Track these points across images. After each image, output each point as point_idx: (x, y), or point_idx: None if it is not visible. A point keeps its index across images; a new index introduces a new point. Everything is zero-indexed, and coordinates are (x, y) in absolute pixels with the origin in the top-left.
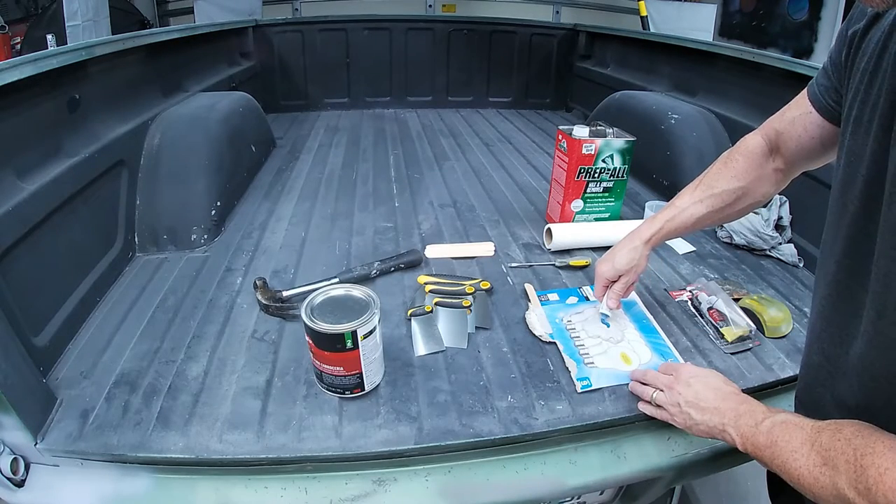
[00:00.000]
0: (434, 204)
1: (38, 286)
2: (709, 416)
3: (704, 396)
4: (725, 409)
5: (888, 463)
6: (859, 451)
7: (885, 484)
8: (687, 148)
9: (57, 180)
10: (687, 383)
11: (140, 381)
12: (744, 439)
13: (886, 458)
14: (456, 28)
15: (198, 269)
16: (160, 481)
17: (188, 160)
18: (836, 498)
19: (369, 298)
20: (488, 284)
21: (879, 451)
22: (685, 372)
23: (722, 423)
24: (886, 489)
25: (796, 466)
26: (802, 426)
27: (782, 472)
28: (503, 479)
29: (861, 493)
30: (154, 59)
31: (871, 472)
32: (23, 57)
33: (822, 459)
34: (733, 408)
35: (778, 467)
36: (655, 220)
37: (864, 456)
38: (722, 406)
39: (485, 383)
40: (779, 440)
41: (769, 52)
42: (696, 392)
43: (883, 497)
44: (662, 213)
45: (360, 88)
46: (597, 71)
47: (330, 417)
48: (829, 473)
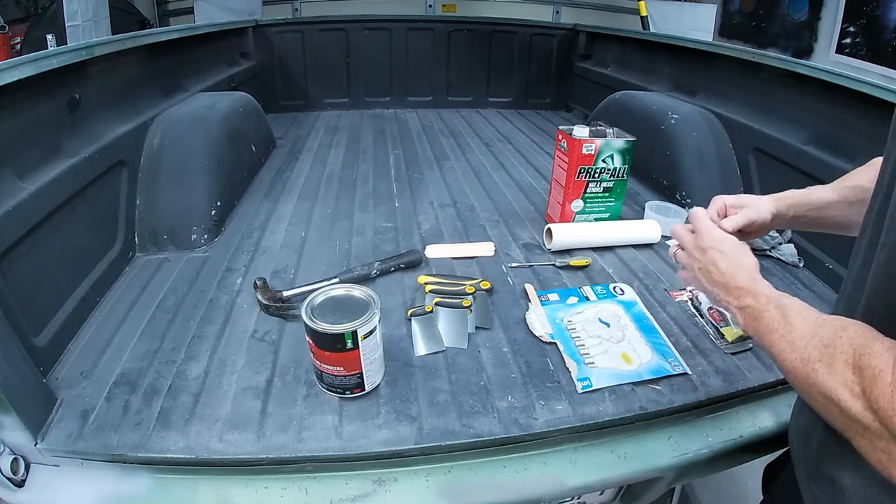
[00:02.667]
0: (434, 204)
1: (38, 286)
2: (718, 289)
3: (717, 268)
4: (732, 286)
5: (884, 365)
6: (858, 351)
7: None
8: (687, 148)
9: (57, 180)
10: (703, 250)
11: (140, 381)
12: (746, 320)
13: (883, 359)
14: (456, 28)
15: (198, 269)
16: (160, 481)
17: (188, 160)
18: (824, 397)
19: (369, 298)
20: (488, 284)
21: (878, 353)
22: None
23: (727, 300)
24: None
25: (791, 358)
26: (805, 316)
27: (775, 359)
28: (503, 479)
29: (856, 395)
30: (154, 59)
31: (866, 373)
32: (23, 57)
33: (819, 355)
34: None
35: (774, 354)
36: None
37: (862, 356)
38: (729, 283)
39: (485, 383)
40: (779, 327)
41: (769, 52)
42: (710, 259)
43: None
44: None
45: (360, 88)
46: (597, 71)
47: (330, 417)
48: (823, 371)
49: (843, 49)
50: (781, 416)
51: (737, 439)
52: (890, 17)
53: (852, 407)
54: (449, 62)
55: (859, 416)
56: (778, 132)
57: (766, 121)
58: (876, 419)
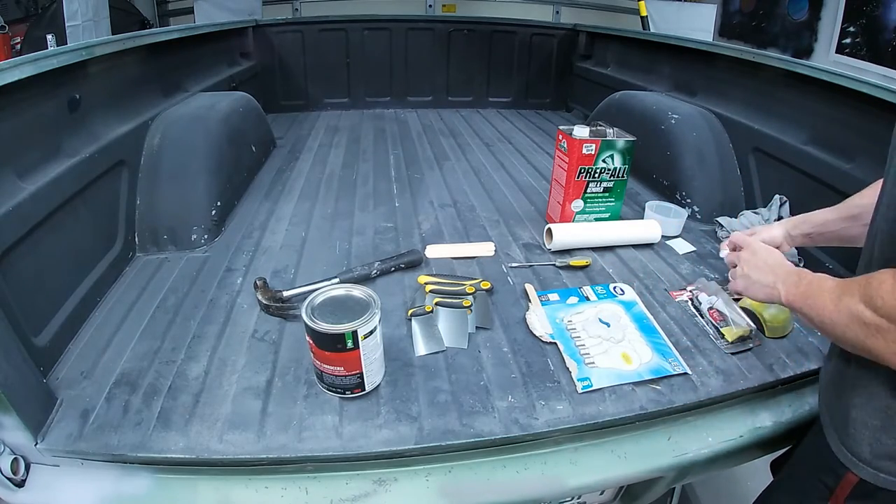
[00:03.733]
0: (434, 204)
1: (38, 286)
2: (763, 275)
3: (763, 260)
4: (778, 270)
5: (887, 275)
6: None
7: (884, 289)
8: (687, 148)
9: (57, 180)
10: (753, 251)
11: (140, 381)
12: (788, 291)
13: (887, 272)
14: (456, 28)
15: (198, 269)
16: (160, 481)
17: (188, 160)
18: (849, 317)
19: (370, 298)
20: (489, 284)
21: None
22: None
23: (773, 280)
24: (883, 292)
25: (823, 304)
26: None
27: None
28: (503, 479)
29: (867, 304)
30: (154, 59)
31: (873, 282)
32: (23, 57)
33: (842, 291)
34: (785, 269)
35: (810, 310)
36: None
37: (871, 276)
38: (776, 268)
39: (485, 383)
40: (814, 288)
41: (769, 52)
42: (757, 258)
43: (880, 299)
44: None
45: (360, 88)
46: (597, 71)
47: (330, 417)
48: (846, 300)
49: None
50: (781, 416)
51: (737, 439)
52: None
53: (867, 316)
54: (449, 62)
55: (873, 320)
56: (778, 132)
57: (766, 121)
58: (884, 318)
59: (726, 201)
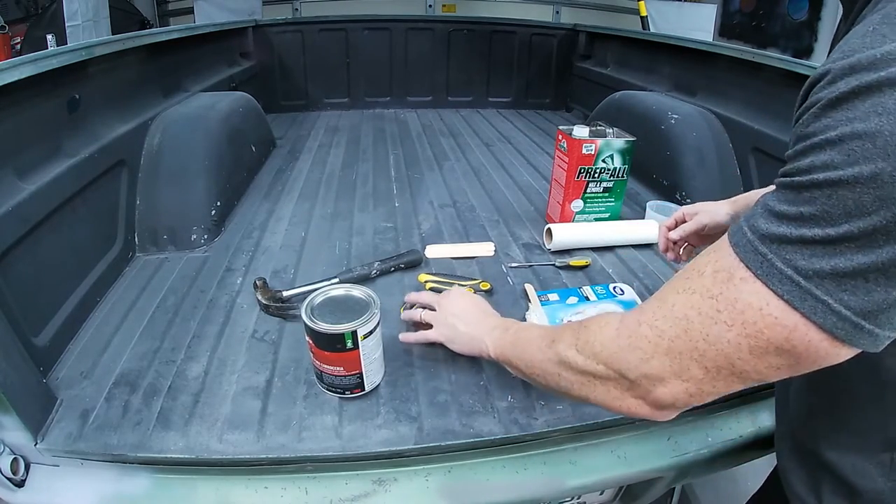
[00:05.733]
0: (434, 204)
1: (38, 286)
2: (472, 328)
3: (470, 312)
4: (485, 324)
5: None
6: (587, 321)
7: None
8: (687, 148)
9: (57, 180)
10: (454, 301)
11: (140, 382)
12: (495, 346)
13: (611, 316)
14: (456, 28)
15: (198, 269)
16: (160, 481)
17: (188, 160)
18: (557, 365)
19: (369, 298)
20: (488, 285)
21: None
22: (453, 293)
23: (480, 335)
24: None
25: (528, 354)
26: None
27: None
28: (503, 479)
29: (579, 350)
30: (154, 59)
31: (592, 328)
32: (23, 57)
33: (550, 339)
34: (492, 323)
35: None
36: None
37: (590, 322)
38: (483, 321)
39: (485, 383)
40: (521, 337)
41: (769, 52)
42: (463, 308)
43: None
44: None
45: (360, 88)
46: (597, 71)
47: (330, 417)
48: (552, 347)
49: None
50: None
51: (737, 439)
52: None
53: (578, 361)
54: (449, 62)
55: (586, 366)
56: (778, 132)
57: (766, 121)
58: (599, 364)
59: None
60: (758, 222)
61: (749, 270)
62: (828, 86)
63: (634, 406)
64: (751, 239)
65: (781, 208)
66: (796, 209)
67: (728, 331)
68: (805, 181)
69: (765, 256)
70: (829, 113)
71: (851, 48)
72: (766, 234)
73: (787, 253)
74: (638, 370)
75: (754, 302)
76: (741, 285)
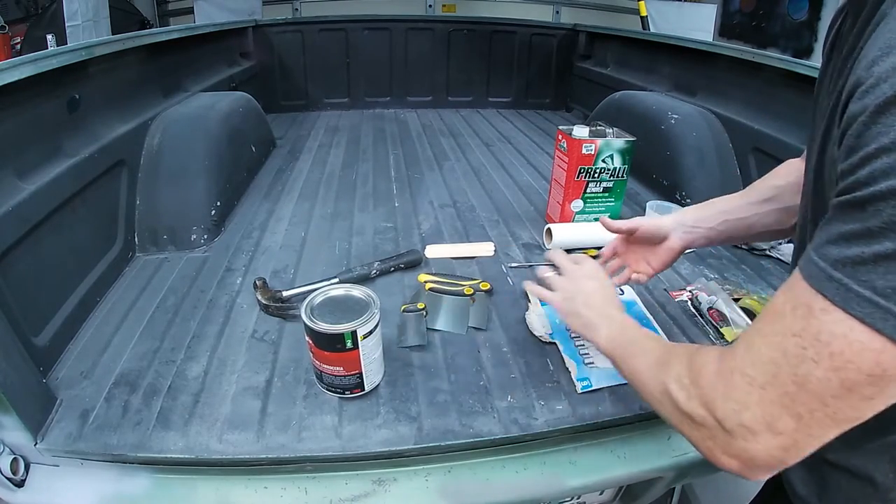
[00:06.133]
0: (434, 204)
1: (38, 286)
2: (592, 311)
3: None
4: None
5: (711, 358)
6: (693, 352)
7: (704, 375)
8: (687, 148)
9: (57, 180)
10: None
11: (140, 381)
12: (608, 340)
13: (711, 354)
14: (456, 28)
15: (198, 269)
16: (160, 481)
17: (188, 160)
18: (661, 394)
19: (369, 298)
20: (488, 285)
21: (707, 350)
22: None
23: (598, 323)
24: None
25: (637, 363)
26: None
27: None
28: (503, 479)
29: (683, 386)
30: (154, 59)
31: (695, 365)
32: (23, 57)
33: (661, 362)
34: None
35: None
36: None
37: (694, 354)
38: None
39: (485, 383)
40: (635, 343)
41: (769, 52)
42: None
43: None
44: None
45: (360, 88)
46: (597, 71)
47: (330, 417)
48: (661, 372)
49: None
50: None
51: None
52: None
53: (681, 399)
54: (449, 62)
55: (686, 406)
56: (778, 132)
57: (766, 121)
58: (699, 407)
59: None
60: (826, 249)
61: (826, 300)
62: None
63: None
64: (823, 267)
65: (847, 228)
66: (863, 226)
67: (816, 367)
68: (867, 195)
69: (840, 282)
70: (879, 119)
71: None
72: (838, 258)
73: (861, 274)
74: (733, 420)
75: (837, 331)
76: (822, 316)
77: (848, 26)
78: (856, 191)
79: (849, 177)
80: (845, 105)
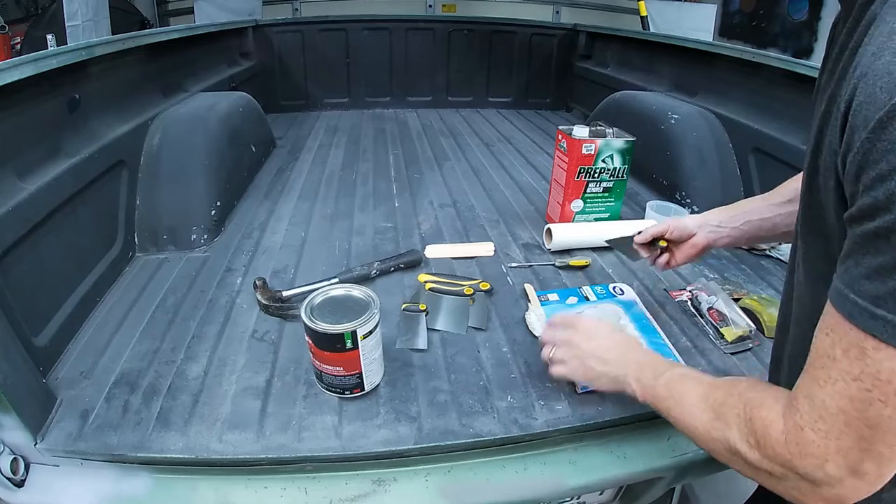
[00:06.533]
0: (434, 204)
1: (38, 286)
2: (612, 367)
3: (607, 347)
4: (629, 360)
5: (774, 415)
6: (748, 404)
7: (772, 436)
8: (687, 148)
9: (57, 180)
10: (588, 336)
11: (140, 382)
12: (644, 391)
13: (773, 410)
14: (456, 28)
15: (198, 269)
16: (160, 481)
17: (188, 160)
18: (728, 451)
19: (369, 298)
20: (488, 286)
21: (768, 405)
22: (583, 325)
23: (625, 374)
24: (774, 441)
25: (692, 420)
26: (700, 381)
27: (679, 425)
28: (503, 479)
29: (752, 446)
30: (154, 59)
31: (757, 424)
32: (23, 57)
33: (716, 414)
34: (636, 359)
35: (675, 419)
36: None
37: (753, 409)
38: (625, 357)
39: (485, 383)
40: (676, 394)
41: (769, 52)
42: (598, 344)
43: (772, 449)
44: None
45: (360, 88)
46: (597, 71)
47: (330, 417)
48: (721, 427)
49: None
50: None
51: None
52: None
53: (753, 458)
54: (449, 62)
55: (761, 465)
56: (778, 132)
57: (766, 121)
58: (776, 465)
59: (726, 201)
60: (862, 285)
61: (876, 339)
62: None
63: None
64: (864, 306)
65: (879, 261)
66: (893, 256)
67: (885, 407)
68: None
69: (884, 319)
70: (883, 136)
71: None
72: (878, 294)
73: None
74: (816, 475)
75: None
76: (876, 355)
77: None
78: (875, 217)
79: (864, 197)
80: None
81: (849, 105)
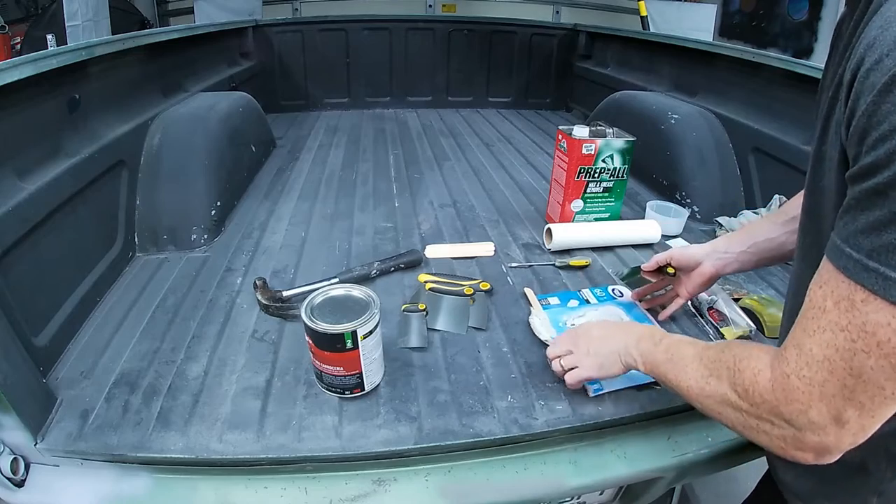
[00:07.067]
0: (434, 204)
1: (38, 286)
2: (613, 343)
3: (607, 333)
4: (628, 334)
5: (762, 365)
6: (738, 356)
7: (760, 384)
8: (687, 148)
9: (57, 180)
10: (588, 334)
11: (140, 381)
12: (645, 357)
13: (761, 360)
14: (456, 28)
15: (198, 269)
16: (160, 481)
17: (188, 160)
18: (720, 403)
19: (369, 298)
20: (488, 286)
21: (756, 356)
22: (581, 329)
23: (626, 346)
24: (761, 388)
25: (686, 378)
26: (696, 343)
27: (676, 386)
28: (503, 479)
29: (741, 395)
30: (154, 59)
31: (746, 374)
32: (23, 57)
33: (708, 371)
34: (635, 332)
35: (672, 381)
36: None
37: (742, 360)
38: (624, 333)
39: (485, 383)
40: (674, 356)
41: (769, 52)
42: (599, 334)
43: (759, 396)
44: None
45: (360, 88)
46: (597, 71)
47: (330, 417)
48: (713, 382)
49: None
50: None
51: (737, 439)
52: None
53: (742, 406)
54: (449, 62)
55: (750, 412)
56: (778, 132)
57: (766, 121)
58: (763, 411)
59: (726, 201)
60: (857, 239)
61: (866, 290)
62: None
63: (801, 456)
64: (858, 258)
65: (875, 216)
66: (890, 211)
67: (868, 358)
68: (889, 178)
69: (877, 272)
70: (888, 97)
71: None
72: (872, 248)
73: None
74: (800, 420)
75: (881, 320)
76: (864, 307)
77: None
78: (876, 174)
79: (866, 157)
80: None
81: (855, 73)
